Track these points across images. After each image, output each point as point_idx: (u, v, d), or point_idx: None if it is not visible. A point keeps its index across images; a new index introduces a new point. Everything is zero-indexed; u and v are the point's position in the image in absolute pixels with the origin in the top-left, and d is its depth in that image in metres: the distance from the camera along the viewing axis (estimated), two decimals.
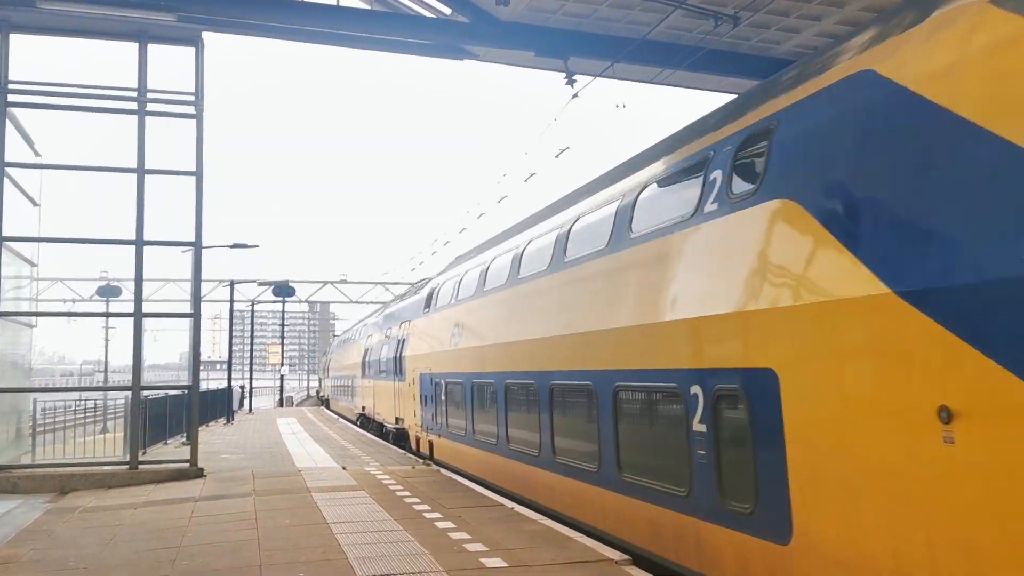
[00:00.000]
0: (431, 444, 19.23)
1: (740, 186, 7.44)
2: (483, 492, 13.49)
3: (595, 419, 10.02)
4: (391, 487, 14.12)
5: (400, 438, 23.16)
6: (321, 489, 13.95)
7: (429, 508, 11.83)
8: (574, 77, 17.93)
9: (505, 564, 8.35)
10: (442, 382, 17.80)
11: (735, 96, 10.85)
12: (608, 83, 18.42)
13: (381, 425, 27.20)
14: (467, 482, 14.85)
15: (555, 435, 11.53)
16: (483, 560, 8.52)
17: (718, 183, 7.73)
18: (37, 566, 8.92)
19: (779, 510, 6.35)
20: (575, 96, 17.87)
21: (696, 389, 7.66)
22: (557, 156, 21.72)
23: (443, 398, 17.71)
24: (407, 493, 13.35)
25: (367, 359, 31.52)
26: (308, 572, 8.20)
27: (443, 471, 16.70)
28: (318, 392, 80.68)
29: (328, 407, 54.31)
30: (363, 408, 33.16)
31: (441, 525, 10.49)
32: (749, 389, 6.81)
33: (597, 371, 10.02)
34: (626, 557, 8.55)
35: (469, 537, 9.68)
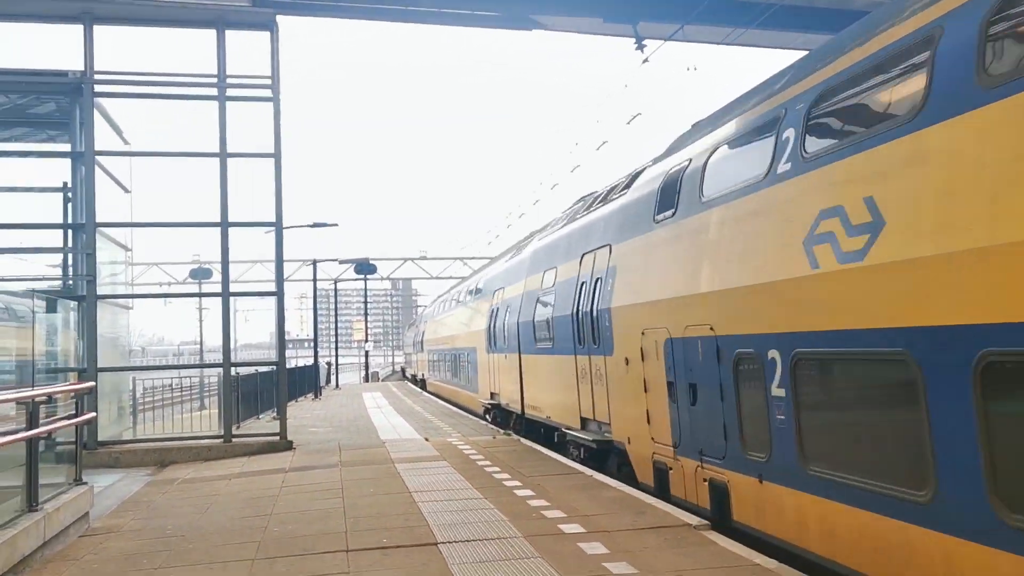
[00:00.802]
0: (718, 486, 8.91)
1: None
2: (563, 460, 13.58)
3: None
4: (472, 457, 14.36)
5: (598, 457, 13.21)
6: (404, 460, 14.28)
7: (509, 476, 11.99)
8: (643, 42, 17.66)
9: (583, 530, 8.43)
10: (764, 355, 7.73)
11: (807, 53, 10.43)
12: (677, 47, 18.09)
13: (550, 430, 16.64)
14: (546, 451, 14.90)
15: None
16: (561, 526, 8.61)
17: None
18: (138, 534, 9.41)
19: None
20: (645, 61, 17.63)
21: None
22: (629, 123, 21.55)
23: (788, 392, 7.35)
24: (487, 462, 13.55)
25: (498, 323, 21.89)
26: (391, 538, 8.43)
27: (523, 441, 16.79)
28: (403, 369, 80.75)
29: (425, 389, 42.76)
30: (492, 395, 23.24)
31: (520, 493, 10.63)
32: None
33: None
34: (705, 522, 8.53)
35: (548, 504, 9.79)
